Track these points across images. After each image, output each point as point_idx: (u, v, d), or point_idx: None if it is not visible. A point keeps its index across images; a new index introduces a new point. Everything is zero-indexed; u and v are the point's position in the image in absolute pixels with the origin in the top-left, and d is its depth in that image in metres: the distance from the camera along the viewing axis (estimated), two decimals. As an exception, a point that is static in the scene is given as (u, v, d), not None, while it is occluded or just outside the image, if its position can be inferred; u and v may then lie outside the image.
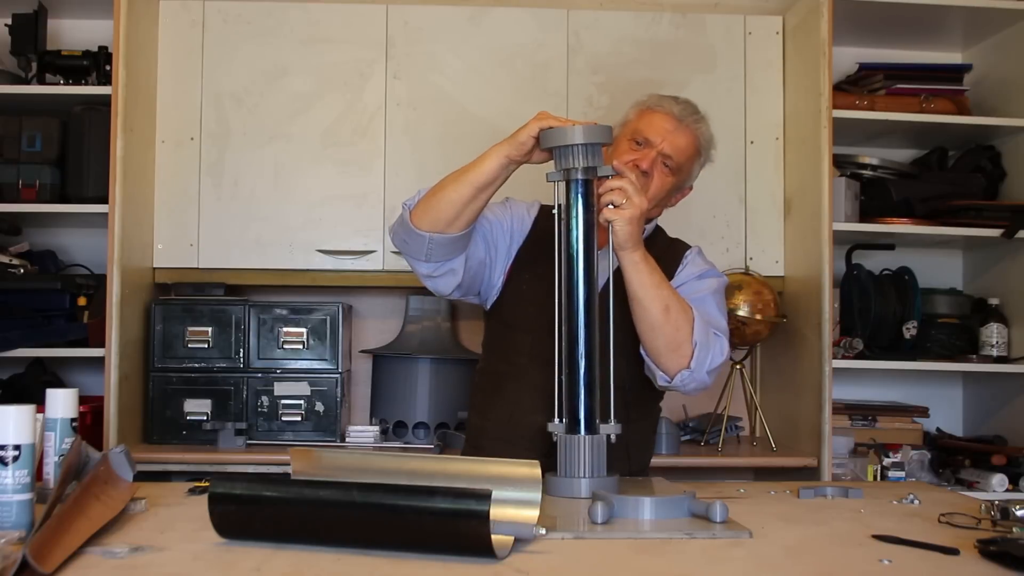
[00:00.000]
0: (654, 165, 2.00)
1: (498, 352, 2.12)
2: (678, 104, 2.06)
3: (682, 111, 2.05)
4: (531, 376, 2.02)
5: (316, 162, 3.07)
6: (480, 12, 3.12)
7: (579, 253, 1.76)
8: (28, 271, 2.95)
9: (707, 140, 2.08)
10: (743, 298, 2.97)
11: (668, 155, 2.01)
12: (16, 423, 1.38)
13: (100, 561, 1.24)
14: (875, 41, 3.31)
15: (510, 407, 2.05)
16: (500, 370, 2.09)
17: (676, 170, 2.03)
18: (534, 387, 2.01)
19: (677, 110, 2.04)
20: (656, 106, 2.05)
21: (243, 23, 3.08)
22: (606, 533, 1.43)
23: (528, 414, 2.01)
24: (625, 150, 2.03)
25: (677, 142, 2.02)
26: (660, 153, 2.01)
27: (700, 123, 2.07)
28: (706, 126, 2.09)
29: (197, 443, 2.88)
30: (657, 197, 2.02)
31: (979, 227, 3.03)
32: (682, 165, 2.04)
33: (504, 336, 2.11)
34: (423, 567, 1.25)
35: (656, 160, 2.01)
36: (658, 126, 2.02)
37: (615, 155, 2.02)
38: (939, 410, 3.34)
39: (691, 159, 2.06)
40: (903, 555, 1.33)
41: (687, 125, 2.04)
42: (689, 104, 2.08)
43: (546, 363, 1.98)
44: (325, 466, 1.50)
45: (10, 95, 2.91)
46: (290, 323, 2.95)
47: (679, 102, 2.07)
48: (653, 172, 2.00)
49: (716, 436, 3.02)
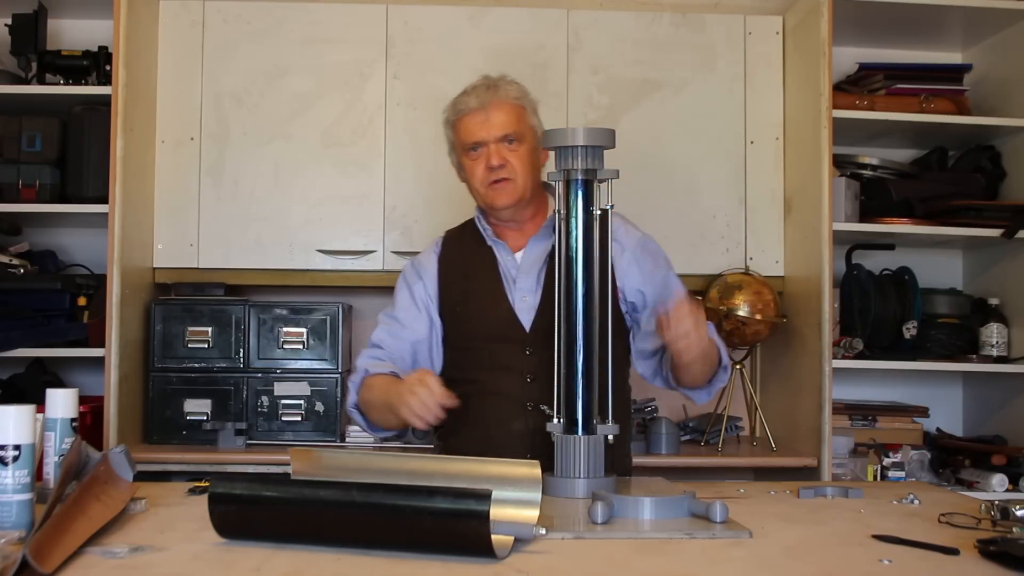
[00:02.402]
0: (502, 155, 2.03)
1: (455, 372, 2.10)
2: (471, 94, 2.07)
3: (479, 96, 2.06)
4: (498, 386, 2.04)
5: (316, 162, 3.06)
6: (480, 12, 3.12)
7: (579, 253, 1.76)
8: (28, 271, 2.95)
9: (520, 93, 2.10)
10: (743, 298, 2.97)
11: (502, 136, 2.03)
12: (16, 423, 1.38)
13: (100, 561, 1.24)
14: (875, 41, 3.31)
15: (485, 423, 2.05)
16: (464, 391, 2.04)
17: (520, 137, 2.05)
18: (504, 397, 2.03)
19: (475, 101, 2.05)
20: (459, 112, 2.07)
21: (243, 23, 3.08)
22: (606, 533, 1.43)
23: (504, 424, 2.02)
24: (473, 166, 2.06)
25: (498, 120, 2.04)
26: (496, 141, 2.03)
27: (500, 88, 2.08)
28: (506, 83, 2.10)
29: (197, 443, 2.88)
30: (526, 169, 2.05)
31: (979, 227, 3.03)
32: (520, 131, 2.05)
33: (458, 356, 2.12)
34: (423, 567, 1.25)
35: (499, 149, 2.03)
36: (473, 125, 2.05)
37: (470, 178, 2.07)
38: (939, 410, 3.33)
39: (522, 119, 2.07)
40: (903, 555, 1.33)
41: (491, 101, 2.05)
42: (479, 85, 2.09)
43: (508, 370, 2.03)
44: (325, 466, 1.50)
45: (10, 95, 2.91)
46: (290, 323, 2.95)
47: (469, 92, 2.08)
48: (508, 158, 2.03)
49: (716, 436, 3.02)
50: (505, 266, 2.10)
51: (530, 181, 2.06)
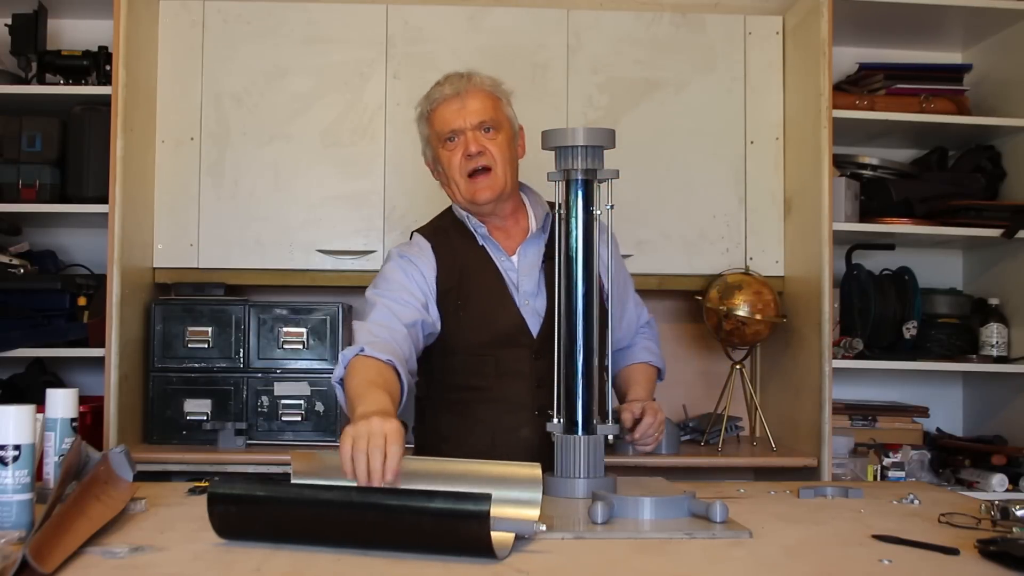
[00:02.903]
0: (480, 142, 2.01)
1: (457, 378, 2.07)
2: (445, 85, 2.07)
3: (453, 85, 2.05)
4: (505, 393, 2.02)
5: (316, 162, 3.06)
6: (480, 12, 3.11)
7: (579, 253, 1.76)
8: (28, 271, 2.95)
9: (492, 83, 2.10)
10: (743, 298, 2.97)
11: (478, 123, 2.02)
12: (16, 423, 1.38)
13: (100, 561, 1.24)
14: (875, 41, 3.31)
15: (491, 430, 2.02)
16: (468, 398, 2.05)
17: (497, 126, 2.04)
18: (512, 404, 2.01)
19: (449, 89, 2.05)
20: (433, 102, 2.06)
21: (243, 23, 3.08)
22: (606, 533, 1.43)
23: (512, 431, 2.01)
24: (450, 156, 2.04)
25: (474, 107, 2.03)
26: (473, 129, 2.02)
27: (473, 77, 2.08)
28: (479, 75, 2.09)
29: (197, 443, 2.87)
30: (505, 158, 2.04)
31: (979, 227, 3.03)
32: (496, 119, 2.05)
33: (460, 362, 2.06)
34: (423, 567, 1.25)
35: (477, 136, 2.02)
36: (449, 113, 2.03)
37: (448, 169, 2.05)
38: (939, 410, 3.33)
39: (497, 108, 2.06)
40: (903, 555, 1.33)
41: (467, 89, 2.04)
42: (452, 75, 2.08)
43: (516, 376, 2.00)
44: (327, 467, 1.49)
45: (10, 95, 2.91)
46: (290, 323, 2.95)
47: (443, 83, 2.07)
48: (486, 146, 2.01)
49: (716, 436, 3.02)
50: (503, 268, 2.07)
51: (510, 173, 2.04)
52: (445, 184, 2.10)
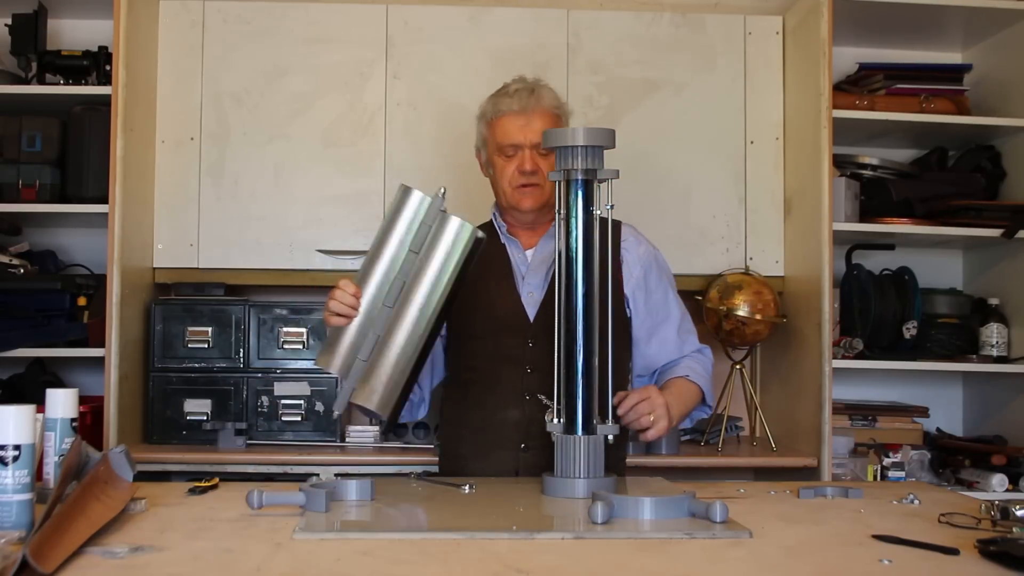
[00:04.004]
0: (536, 161, 2.05)
1: (458, 361, 2.16)
2: (513, 96, 2.08)
3: (522, 101, 2.06)
4: (498, 376, 2.08)
5: (316, 162, 3.06)
6: (480, 12, 3.11)
7: (578, 253, 1.76)
8: (28, 271, 2.95)
9: (558, 102, 2.12)
10: (743, 298, 2.97)
11: (537, 143, 2.04)
12: (16, 423, 1.38)
13: (100, 561, 1.24)
14: (875, 41, 3.31)
15: (482, 411, 2.10)
16: (464, 379, 2.14)
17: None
18: (500, 386, 2.07)
19: (517, 104, 2.06)
20: (499, 112, 2.08)
21: (243, 23, 3.08)
22: (606, 533, 1.43)
23: (499, 411, 2.07)
24: (504, 166, 2.07)
25: (536, 128, 2.04)
26: (532, 147, 2.04)
27: (542, 95, 2.09)
28: (548, 92, 2.11)
29: (197, 443, 2.87)
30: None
31: (979, 227, 3.02)
32: None
33: (462, 346, 2.15)
34: (423, 567, 1.25)
35: (533, 156, 2.05)
36: (513, 128, 2.06)
37: (499, 176, 2.08)
38: (939, 410, 3.33)
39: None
40: (903, 555, 1.33)
41: (533, 109, 2.06)
42: (521, 89, 2.09)
43: (509, 360, 2.06)
44: (338, 341, 1.84)
45: (10, 95, 2.91)
46: (290, 323, 2.95)
47: (511, 93, 2.09)
48: (540, 164, 2.05)
49: (716, 436, 3.02)
50: (516, 262, 2.14)
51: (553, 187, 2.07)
52: (492, 183, 2.16)
